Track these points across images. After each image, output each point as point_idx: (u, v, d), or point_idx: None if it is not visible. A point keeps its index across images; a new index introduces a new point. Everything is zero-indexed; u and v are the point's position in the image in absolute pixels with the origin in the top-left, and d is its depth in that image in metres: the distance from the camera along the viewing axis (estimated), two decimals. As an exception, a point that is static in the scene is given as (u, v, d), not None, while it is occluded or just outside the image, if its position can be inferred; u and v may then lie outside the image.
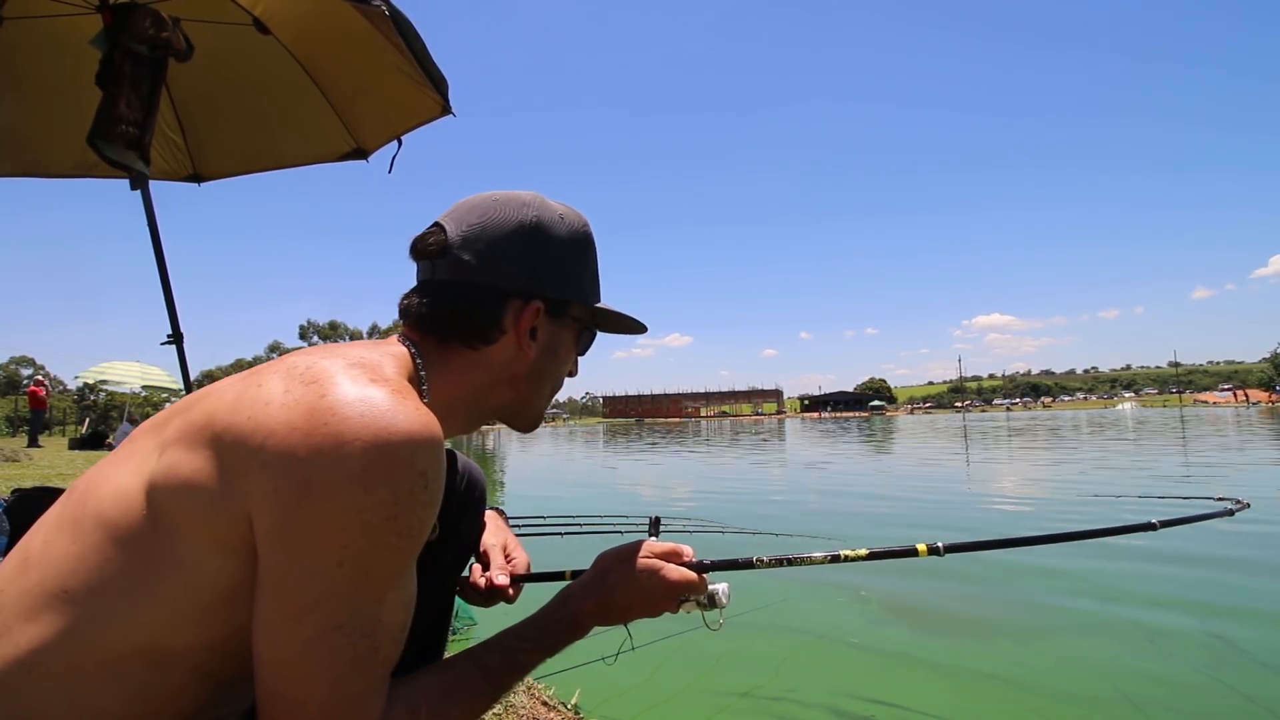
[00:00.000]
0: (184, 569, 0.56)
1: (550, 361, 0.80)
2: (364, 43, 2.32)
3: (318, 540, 0.53)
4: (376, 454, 0.54)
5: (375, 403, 0.56)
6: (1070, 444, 15.13)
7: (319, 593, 0.54)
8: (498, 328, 0.74)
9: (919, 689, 2.28)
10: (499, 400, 0.79)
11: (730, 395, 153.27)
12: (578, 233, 0.80)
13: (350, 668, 0.56)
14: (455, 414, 0.75)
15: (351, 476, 0.53)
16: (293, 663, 0.55)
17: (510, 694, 1.94)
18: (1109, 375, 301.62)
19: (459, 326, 0.73)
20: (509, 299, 0.74)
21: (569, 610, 0.79)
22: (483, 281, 0.73)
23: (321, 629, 0.54)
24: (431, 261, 0.74)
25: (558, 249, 0.77)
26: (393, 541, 0.55)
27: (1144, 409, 67.07)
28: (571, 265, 0.79)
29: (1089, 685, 2.28)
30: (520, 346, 0.75)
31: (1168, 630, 2.75)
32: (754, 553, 0.92)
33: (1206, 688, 2.22)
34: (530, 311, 0.75)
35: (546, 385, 0.81)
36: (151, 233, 2.39)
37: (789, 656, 2.65)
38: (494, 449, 23.02)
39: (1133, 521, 1.00)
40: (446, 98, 2.52)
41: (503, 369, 0.76)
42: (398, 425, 0.55)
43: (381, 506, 0.54)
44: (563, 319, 0.79)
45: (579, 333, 0.83)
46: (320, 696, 0.56)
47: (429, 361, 0.73)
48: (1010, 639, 2.75)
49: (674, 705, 2.24)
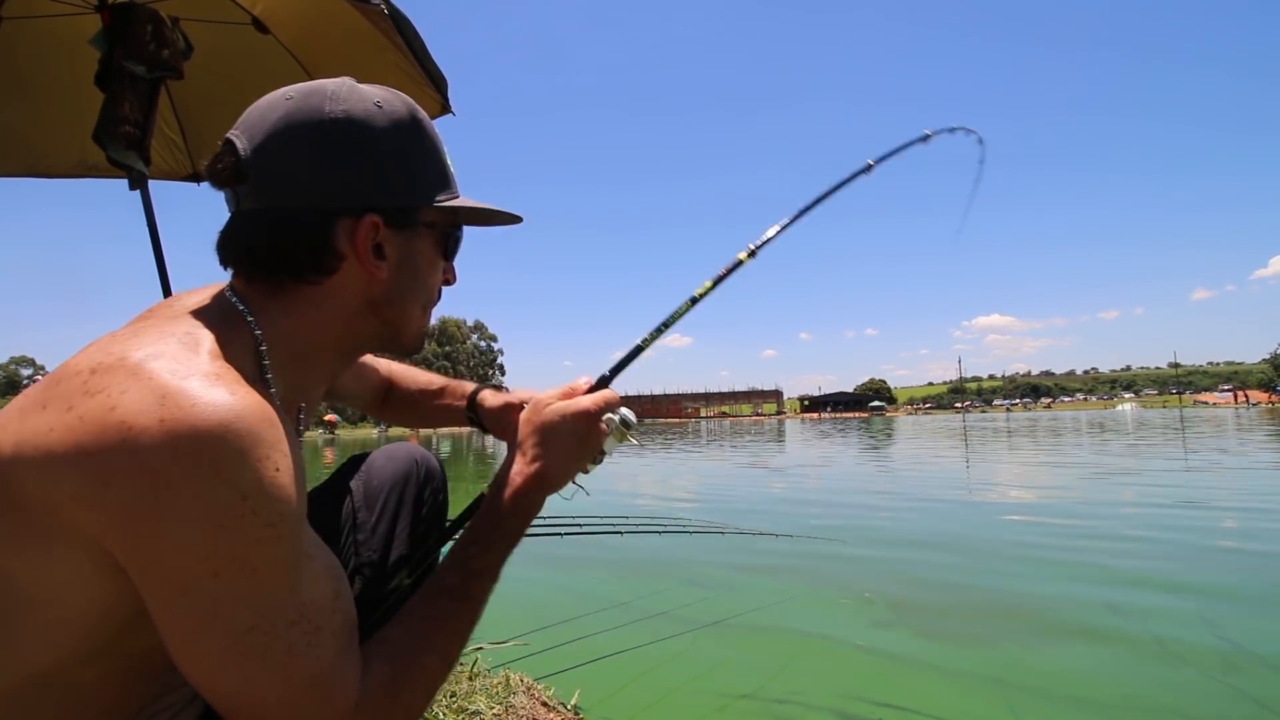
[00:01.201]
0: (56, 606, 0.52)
1: (411, 278, 0.69)
2: (363, 41, 2.32)
3: (175, 562, 0.48)
4: (193, 460, 0.47)
5: (175, 401, 0.48)
6: (1071, 445, 15.13)
7: (209, 606, 0.50)
8: (332, 254, 0.63)
9: (926, 692, 2.26)
10: (365, 332, 0.69)
11: (730, 396, 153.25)
12: (402, 121, 0.66)
13: (292, 656, 0.53)
14: (319, 359, 0.68)
15: (174, 491, 0.47)
16: (220, 675, 0.52)
17: (511, 694, 1.93)
18: (1109, 376, 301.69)
19: (285, 262, 0.62)
20: (335, 218, 0.63)
21: (506, 494, 0.73)
22: (296, 204, 0.61)
23: (232, 637, 0.51)
24: (232, 190, 0.63)
25: (382, 146, 0.64)
26: (263, 534, 0.50)
27: (1144, 410, 67.09)
28: (404, 162, 0.66)
29: (1098, 690, 2.25)
30: (367, 269, 0.65)
31: (1176, 634, 2.71)
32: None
33: (1217, 693, 2.18)
34: (365, 228, 0.63)
35: (414, 304, 0.71)
36: (151, 233, 2.38)
37: (790, 658, 2.64)
38: (494, 449, 23.01)
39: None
40: (446, 97, 2.52)
41: (357, 298, 0.66)
42: (209, 419, 0.48)
43: (228, 507, 0.48)
44: (412, 228, 0.68)
45: (438, 238, 0.72)
46: (276, 692, 0.53)
47: (262, 309, 0.62)
48: (1017, 642, 2.73)
49: (674, 706, 2.24)
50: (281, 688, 0.53)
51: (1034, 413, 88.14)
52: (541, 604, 3.43)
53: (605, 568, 4.24)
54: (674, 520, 3.62)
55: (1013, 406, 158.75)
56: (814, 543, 4.56)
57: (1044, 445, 15.24)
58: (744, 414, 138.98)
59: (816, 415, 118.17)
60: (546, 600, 3.53)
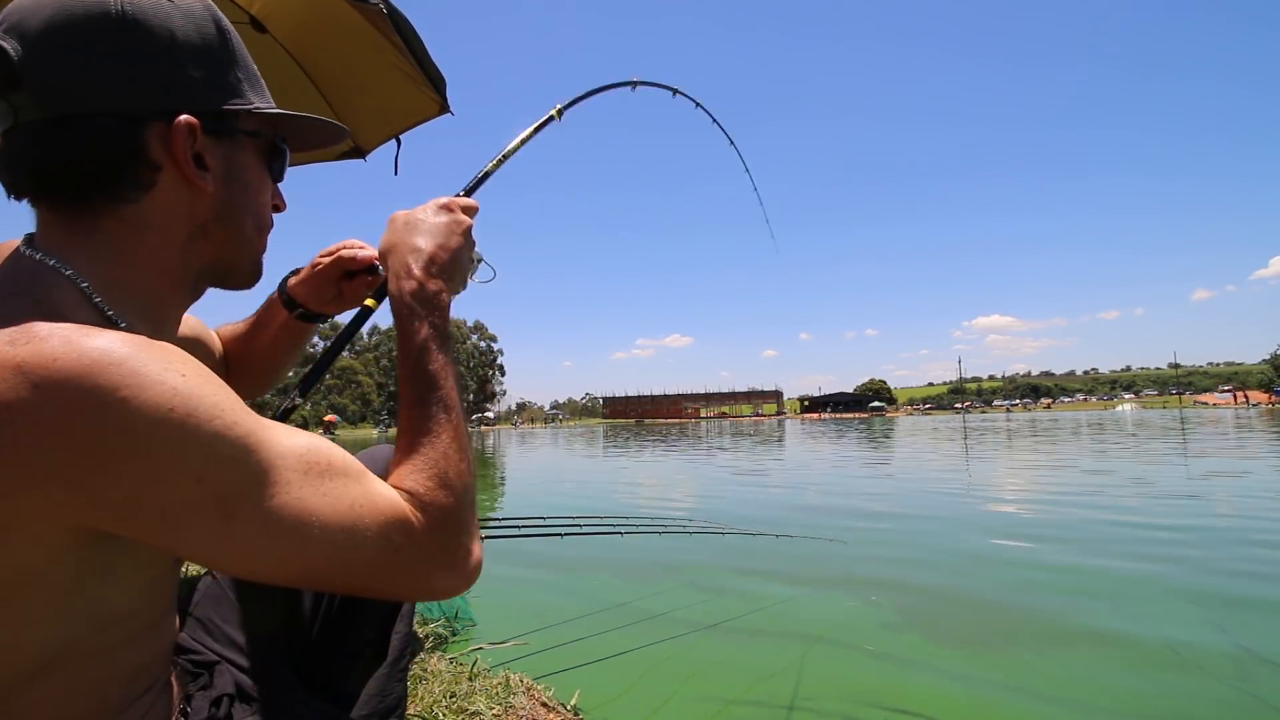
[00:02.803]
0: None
1: (241, 193, 0.63)
2: (361, 41, 2.32)
3: (155, 496, 0.46)
4: (98, 405, 0.44)
5: (36, 365, 0.44)
6: (1071, 444, 15.13)
7: (217, 507, 0.48)
8: (146, 164, 0.56)
9: (935, 698, 2.23)
10: (198, 260, 0.62)
11: (730, 396, 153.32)
12: (201, 17, 0.59)
13: (323, 497, 0.52)
14: (160, 296, 0.61)
15: (103, 440, 0.44)
16: (280, 555, 0.51)
17: (511, 695, 1.93)
18: (1109, 376, 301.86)
19: (91, 178, 0.54)
20: (143, 123, 0.55)
21: (404, 293, 0.70)
22: (93, 108, 0.53)
23: (259, 517, 0.49)
24: (4, 99, 0.53)
25: (182, 42, 0.57)
26: (214, 425, 0.47)
27: (1144, 410, 67.11)
28: (210, 59, 0.59)
29: (1113, 699, 2.21)
30: (190, 181, 0.58)
31: (1190, 641, 2.67)
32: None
33: (1234, 701, 2.15)
34: (180, 131, 0.56)
35: (248, 223, 0.65)
36: None
37: (791, 660, 2.64)
38: (494, 449, 23.01)
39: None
40: (445, 96, 2.52)
41: (183, 219, 0.59)
42: (86, 357, 0.44)
43: (160, 424, 0.45)
44: (232, 136, 0.61)
45: (263, 149, 0.65)
46: (337, 536, 0.52)
47: (77, 251, 0.55)
48: (1028, 649, 2.68)
49: (674, 706, 2.24)
50: (339, 532, 0.52)
51: (1034, 413, 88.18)
52: (541, 604, 3.42)
53: (605, 568, 4.24)
54: (674, 520, 3.62)
55: (1013, 407, 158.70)
56: (815, 544, 4.56)
57: (1044, 445, 15.25)
58: (744, 414, 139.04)
59: (816, 416, 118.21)
60: (546, 600, 3.53)
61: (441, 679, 2.02)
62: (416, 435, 0.63)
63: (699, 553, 4.55)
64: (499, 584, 3.87)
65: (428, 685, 1.96)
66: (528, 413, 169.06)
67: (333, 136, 0.72)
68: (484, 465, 15.02)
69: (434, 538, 0.58)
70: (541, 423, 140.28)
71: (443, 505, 0.59)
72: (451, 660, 2.25)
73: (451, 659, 2.27)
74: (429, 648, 2.46)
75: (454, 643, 2.77)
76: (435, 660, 2.18)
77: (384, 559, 0.55)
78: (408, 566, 0.56)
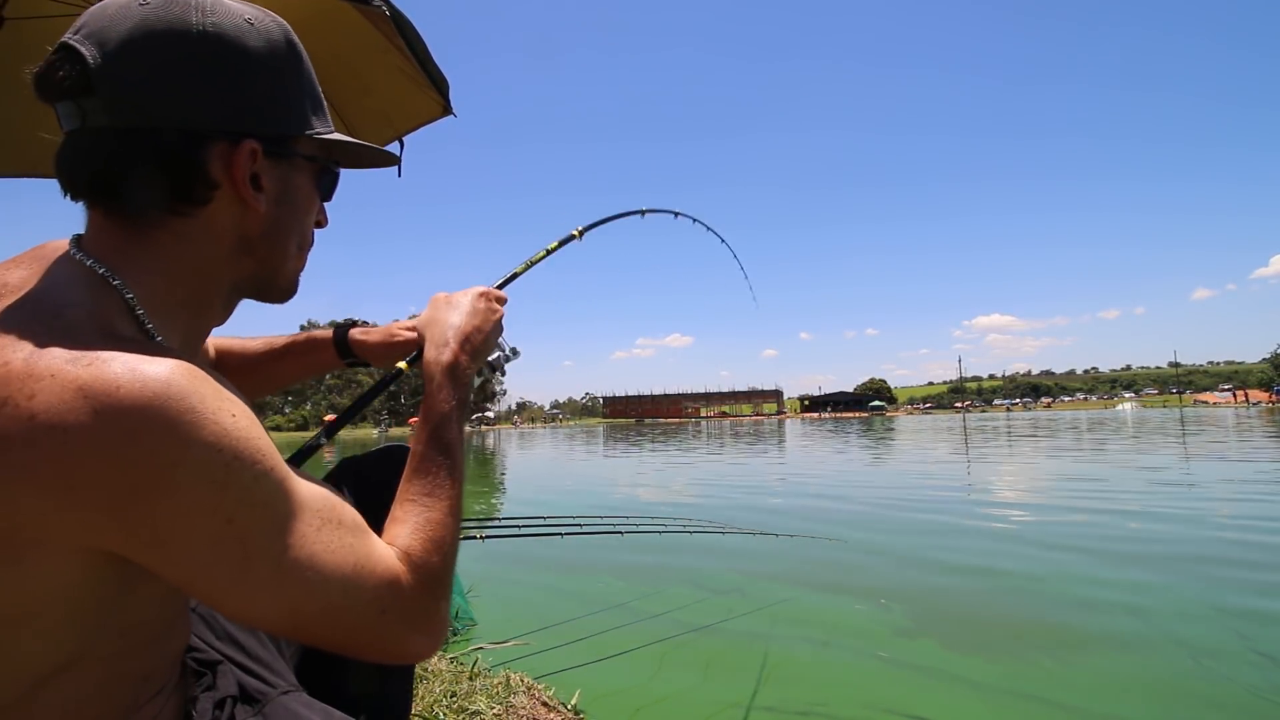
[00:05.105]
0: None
1: (290, 214, 0.64)
2: (364, 43, 2.32)
3: (184, 533, 0.47)
4: (151, 440, 0.45)
5: (101, 389, 0.44)
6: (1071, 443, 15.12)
7: (235, 549, 0.49)
8: (205, 181, 0.57)
9: (957, 710, 2.20)
10: (239, 274, 0.63)
11: (730, 395, 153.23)
12: (277, 41, 0.60)
13: (332, 553, 0.54)
14: (201, 306, 0.62)
15: (155, 472, 0.45)
16: (282, 603, 0.52)
17: (512, 694, 1.94)
18: (1109, 375, 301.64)
19: (150, 189, 0.55)
20: (209, 141, 0.56)
21: (439, 363, 0.77)
22: (161, 122, 0.54)
23: (271, 564, 0.51)
24: (75, 102, 0.54)
25: (256, 65, 0.58)
26: (255, 470, 0.49)
27: (1144, 409, 67.04)
28: (280, 86, 0.60)
29: (1136, 708, 2.18)
30: (245, 201, 0.59)
31: (1210, 647, 2.61)
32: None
33: (1258, 710, 2.11)
34: (244, 154, 0.57)
35: (291, 242, 0.66)
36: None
37: (791, 660, 2.65)
38: (494, 449, 23.02)
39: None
40: (448, 98, 2.52)
41: (230, 235, 0.60)
42: (145, 391, 0.45)
43: (209, 465, 0.47)
44: (290, 159, 0.63)
45: (316, 173, 0.67)
46: (335, 593, 0.53)
47: (127, 259, 0.56)
48: (1046, 654, 2.63)
49: (674, 706, 2.24)
50: (338, 586, 0.54)
51: (1034, 412, 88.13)
52: (542, 604, 3.43)
53: (606, 568, 4.25)
54: (674, 520, 3.62)
55: (1013, 406, 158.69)
56: (815, 543, 4.57)
57: (1045, 445, 15.24)
58: (744, 414, 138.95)
59: (817, 415, 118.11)
60: (547, 600, 3.54)
61: (442, 678, 2.03)
62: (422, 494, 0.67)
63: (699, 552, 4.56)
64: (499, 584, 3.88)
65: (428, 685, 1.97)
66: (528, 412, 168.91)
67: (384, 161, 0.74)
68: (484, 465, 15.02)
69: (419, 602, 0.60)
70: (542, 422, 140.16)
71: (433, 569, 0.62)
72: (452, 660, 2.26)
73: (452, 659, 2.28)
74: (430, 647, 2.47)
75: (454, 642, 2.78)
76: (435, 660, 2.19)
77: (371, 618, 0.56)
78: (390, 628, 0.58)
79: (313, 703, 0.74)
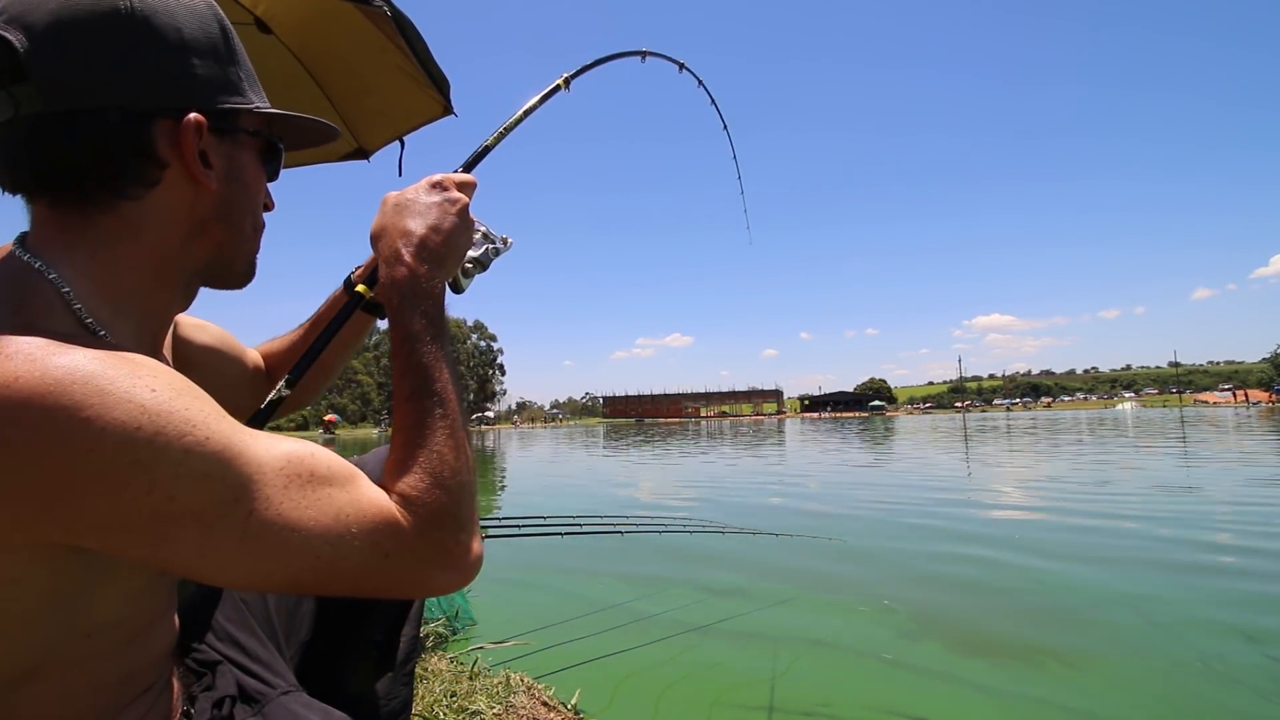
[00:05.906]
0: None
1: (241, 193, 0.63)
2: (365, 42, 2.32)
3: (126, 514, 0.45)
4: (59, 422, 0.43)
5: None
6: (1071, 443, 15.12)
7: (194, 522, 0.47)
8: (153, 161, 0.55)
9: (961, 710, 2.20)
10: (195, 258, 0.61)
11: (730, 395, 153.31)
12: (205, 16, 0.59)
13: (306, 509, 0.51)
14: (154, 294, 0.60)
15: (71, 457, 0.43)
16: (260, 564, 0.50)
17: (512, 694, 1.94)
18: (1109, 375, 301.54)
19: (97, 174, 0.54)
20: (151, 119, 0.55)
21: (393, 281, 0.67)
22: (100, 103, 0.53)
23: (237, 530, 0.48)
24: (5, 91, 0.52)
25: (189, 39, 0.57)
26: (185, 440, 0.47)
27: (1144, 409, 67.02)
28: (215, 57, 0.59)
29: (1143, 711, 2.17)
30: (195, 179, 0.57)
31: (1220, 651, 2.60)
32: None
33: (1267, 713, 2.10)
34: (189, 130, 0.56)
35: (245, 222, 0.64)
36: None
37: (792, 660, 2.64)
38: (494, 448, 23.02)
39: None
40: (449, 99, 2.52)
41: (183, 217, 0.59)
42: (51, 371, 0.44)
43: (129, 441, 0.44)
44: (234, 135, 0.61)
45: (261, 149, 0.65)
46: (324, 546, 0.51)
47: (71, 249, 0.54)
48: (1056, 659, 2.60)
49: (674, 707, 2.24)
50: (321, 540, 0.52)
51: (1034, 412, 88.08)
52: (542, 604, 3.43)
53: (606, 568, 4.25)
54: (674, 520, 3.62)
55: (1013, 406, 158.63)
56: (815, 543, 4.58)
57: (1045, 444, 15.24)
58: (744, 414, 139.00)
59: (817, 415, 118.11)
60: (547, 600, 3.54)
61: (442, 678, 2.03)
62: (410, 432, 0.62)
63: (699, 552, 4.56)
64: (499, 584, 3.88)
65: (428, 684, 1.97)
66: (528, 412, 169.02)
67: (325, 135, 0.71)
68: (484, 465, 15.03)
69: (427, 539, 0.57)
70: (542, 422, 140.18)
71: (436, 504, 0.58)
72: (452, 660, 2.27)
73: (452, 658, 2.28)
74: (429, 647, 2.47)
75: (454, 642, 2.79)
76: (436, 659, 2.19)
77: (373, 565, 0.54)
78: (400, 570, 0.56)
79: (312, 703, 0.74)
